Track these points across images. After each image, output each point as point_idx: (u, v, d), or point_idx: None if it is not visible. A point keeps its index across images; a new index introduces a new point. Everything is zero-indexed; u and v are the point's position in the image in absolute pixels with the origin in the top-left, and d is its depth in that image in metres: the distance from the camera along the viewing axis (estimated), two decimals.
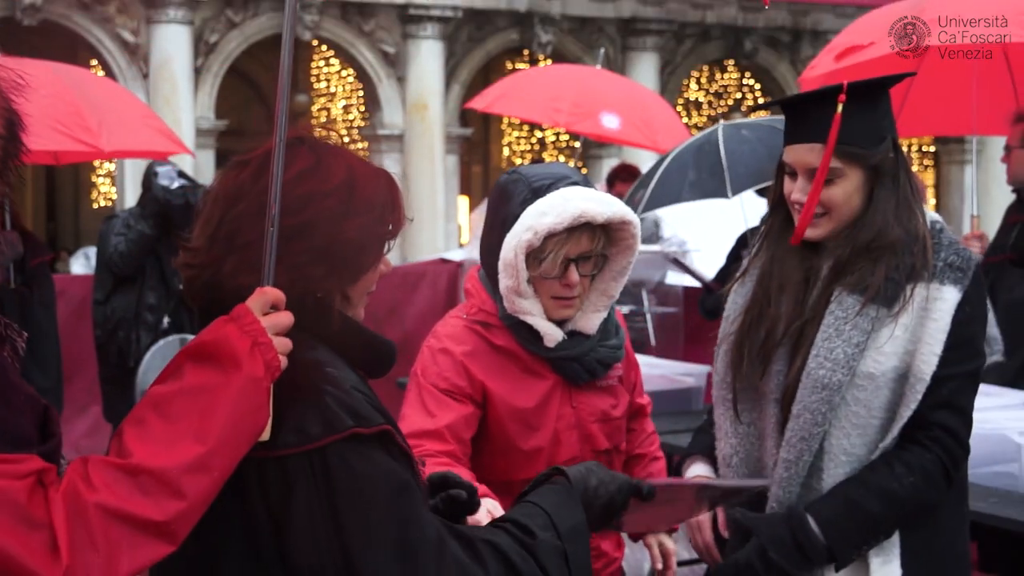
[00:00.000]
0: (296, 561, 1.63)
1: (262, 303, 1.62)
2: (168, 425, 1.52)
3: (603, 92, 7.66)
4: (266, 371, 1.58)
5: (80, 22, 18.05)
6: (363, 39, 19.60)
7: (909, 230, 2.37)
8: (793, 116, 2.43)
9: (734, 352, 2.46)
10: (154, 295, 6.37)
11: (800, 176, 2.39)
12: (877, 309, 2.32)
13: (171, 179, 6.29)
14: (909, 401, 2.30)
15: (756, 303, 2.45)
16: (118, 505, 1.46)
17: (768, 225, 2.53)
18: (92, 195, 22.99)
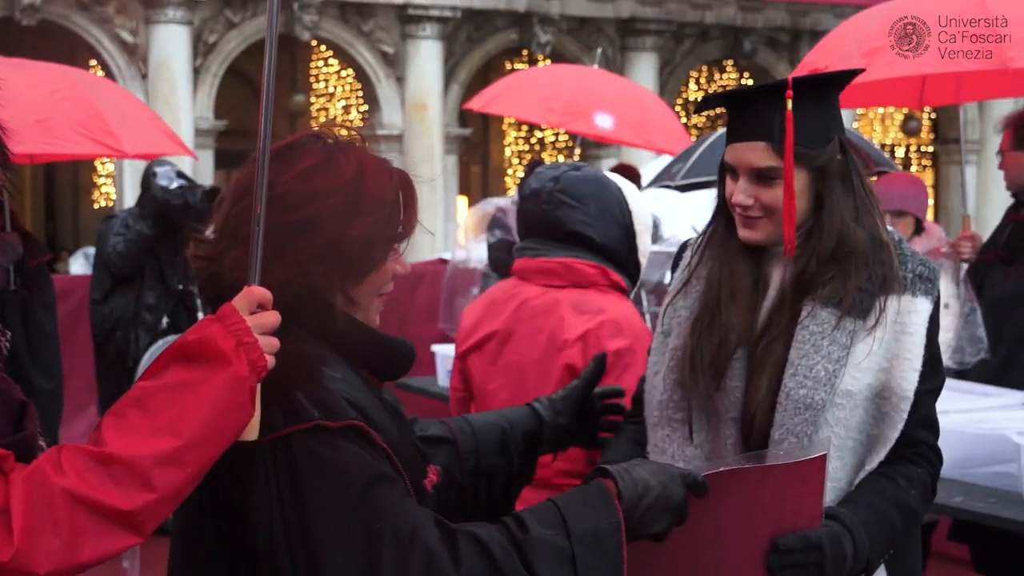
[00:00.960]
0: (255, 546, 1.65)
1: (248, 302, 1.62)
2: (146, 418, 1.52)
3: (599, 92, 7.66)
4: (251, 371, 1.57)
5: (79, 22, 18.05)
6: (362, 39, 19.59)
7: (873, 236, 2.24)
8: (736, 113, 2.29)
9: (685, 366, 2.25)
10: (153, 295, 6.37)
11: (742, 177, 2.24)
12: (853, 322, 2.18)
13: (170, 179, 6.29)
14: (895, 421, 2.18)
15: (706, 312, 2.26)
16: (86, 492, 1.46)
17: (711, 230, 2.37)
18: (92, 195, 22.99)
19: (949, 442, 3.91)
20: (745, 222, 2.26)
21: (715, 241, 2.34)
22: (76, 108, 5.45)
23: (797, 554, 1.95)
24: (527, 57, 21.63)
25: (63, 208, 23.56)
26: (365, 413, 1.70)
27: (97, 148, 5.51)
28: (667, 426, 2.27)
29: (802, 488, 1.93)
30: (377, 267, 1.80)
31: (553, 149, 23.14)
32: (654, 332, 2.40)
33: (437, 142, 19.72)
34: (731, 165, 2.27)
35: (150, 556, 6.22)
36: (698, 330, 2.26)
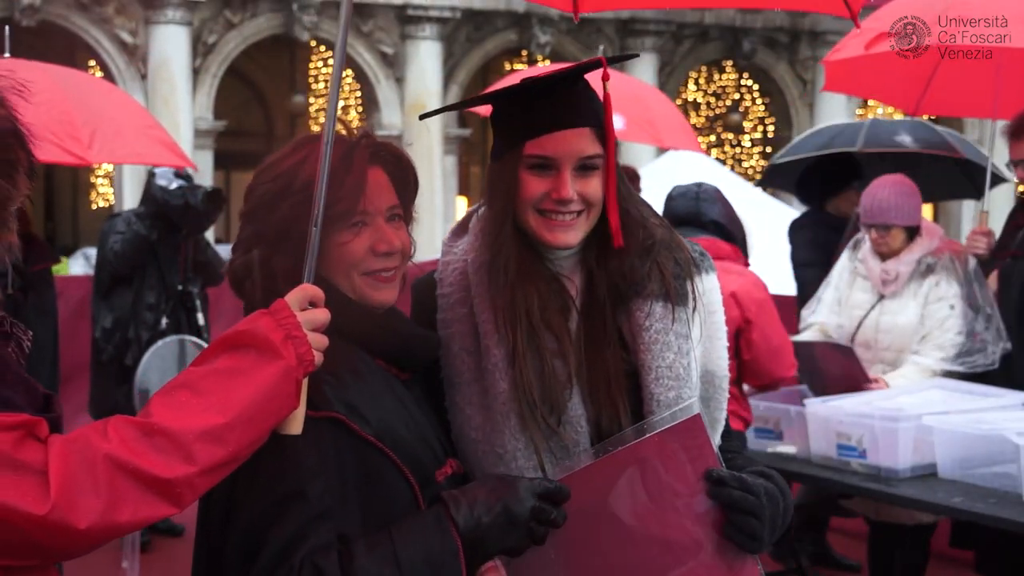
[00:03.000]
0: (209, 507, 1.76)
1: (300, 299, 1.68)
2: (194, 397, 1.58)
3: None
4: (298, 363, 1.63)
5: (78, 23, 18.05)
6: (361, 40, 19.59)
7: (662, 222, 2.11)
8: (557, 99, 2.00)
9: (524, 413, 1.97)
10: (153, 295, 6.36)
11: (566, 168, 1.97)
12: (683, 311, 2.05)
13: (169, 180, 6.29)
14: (720, 402, 2.12)
15: (525, 343, 1.99)
16: (129, 458, 1.52)
17: (500, 248, 2.02)
18: (91, 196, 22.99)
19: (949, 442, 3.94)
20: (560, 223, 2.00)
21: (501, 265, 2.01)
22: (47, 113, 5.35)
23: (734, 492, 1.89)
24: (526, 57, 21.64)
25: (62, 208, 23.57)
26: (351, 405, 1.74)
27: (60, 154, 5.41)
28: None
29: (689, 453, 1.89)
30: (322, 247, 1.78)
31: None
32: None
33: (436, 142, 19.72)
34: (547, 158, 1.98)
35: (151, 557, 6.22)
36: (519, 365, 1.98)
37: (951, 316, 4.58)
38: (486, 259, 2.03)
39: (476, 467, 2.00)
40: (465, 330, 2.04)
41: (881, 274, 4.74)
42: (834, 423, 4.13)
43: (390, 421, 1.78)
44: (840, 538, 6.06)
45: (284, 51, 20.64)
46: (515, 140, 2.01)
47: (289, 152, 1.86)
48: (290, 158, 1.84)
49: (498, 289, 2.01)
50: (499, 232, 2.02)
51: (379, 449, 1.74)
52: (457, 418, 2.03)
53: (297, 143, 1.88)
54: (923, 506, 3.90)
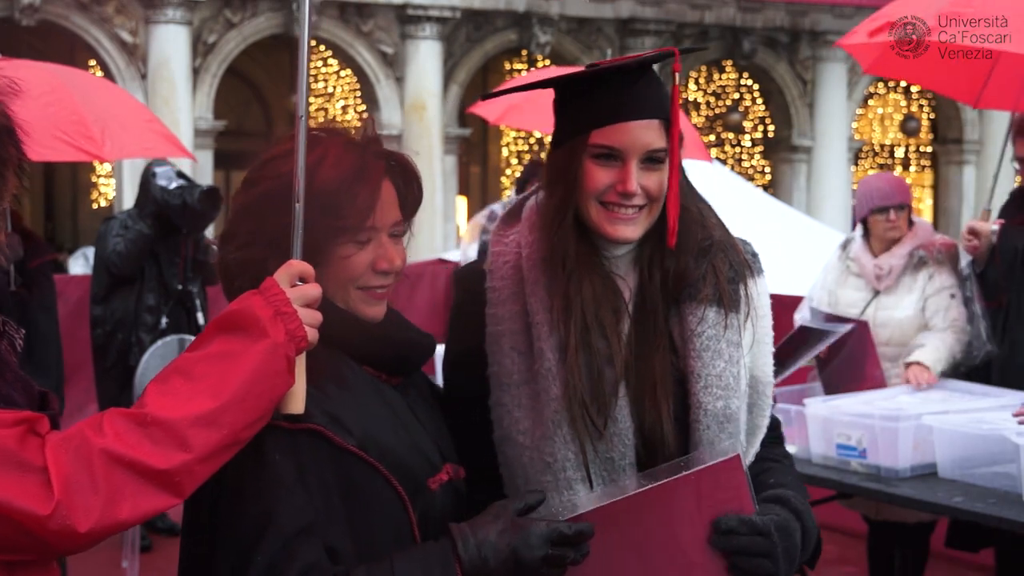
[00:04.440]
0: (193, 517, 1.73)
1: (288, 274, 1.67)
2: (187, 383, 1.58)
3: None
4: (288, 339, 1.61)
5: (78, 22, 18.04)
6: (361, 39, 19.59)
7: (720, 222, 2.06)
8: (625, 88, 1.97)
9: (574, 415, 1.91)
10: (153, 296, 6.36)
11: (632, 160, 1.91)
12: (735, 317, 2.00)
13: (169, 179, 6.29)
14: (764, 408, 2.06)
15: (578, 343, 1.93)
16: (123, 451, 1.51)
17: (559, 243, 1.96)
18: (91, 195, 22.98)
19: (949, 442, 3.93)
20: (622, 217, 1.94)
21: (558, 260, 1.96)
22: (57, 113, 5.38)
23: (743, 537, 1.82)
24: (526, 57, 21.63)
25: (62, 208, 23.56)
26: (333, 416, 1.71)
27: (74, 153, 5.44)
28: (566, 489, 1.93)
29: (724, 494, 1.83)
30: (320, 255, 1.77)
31: None
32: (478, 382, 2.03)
33: (436, 142, 19.71)
34: (613, 149, 1.92)
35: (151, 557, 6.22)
36: (571, 365, 1.92)
37: (953, 304, 4.65)
38: (544, 253, 1.97)
39: (519, 472, 1.95)
40: (517, 328, 1.98)
41: (875, 269, 4.81)
42: (834, 423, 4.14)
43: (376, 430, 1.75)
44: (840, 537, 6.07)
45: (284, 51, 20.63)
46: (580, 128, 1.95)
47: (290, 148, 1.79)
48: (310, 155, 1.79)
49: (554, 284, 1.95)
50: (560, 222, 1.96)
51: (363, 459, 1.71)
52: (504, 420, 1.97)
53: (317, 137, 1.84)
54: (923, 506, 3.90)
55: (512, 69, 21.99)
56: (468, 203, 23.29)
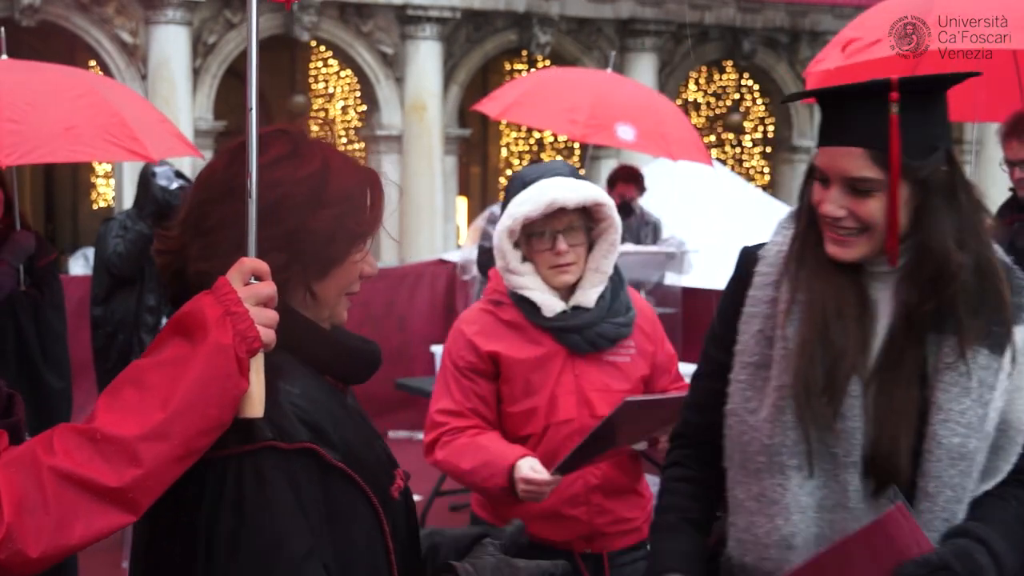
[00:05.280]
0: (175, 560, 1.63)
1: (240, 272, 1.61)
2: (139, 394, 1.52)
3: (618, 102, 7.54)
4: (238, 340, 1.55)
5: (78, 23, 18.04)
6: (361, 40, 19.59)
7: (979, 261, 2.00)
8: (831, 113, 2.02)
9: (801, 401, 1.96)
10: (153, 297, 6.36)
11: (834, 185, 1.98)
12: (996, 360, 1.98)
13: (169, 179, 6.29)
14: (1010, 454, 2.04)
15: (814, 334, 1.98)
16: (73, 469, 1.45)
17: (796, 242, 2.07)
18: (91, 196, 22.99)
19: None
20: (835, 237, 2.01)
21: (806, 253, 2.05)
22: (99, 114, 5.43)
23: None
24: (526, 58, 21.63)
25: (62, 208, 23.57)
26: (320, 431, 1.67)
27: (126, 154, 5.47)
28: (778, 473, 2.00)
29: (900, 543, 1.86)
30: (340, 262, 1.76)
31: (552, 149, 23.15)
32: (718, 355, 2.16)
33: (436, 143, 19.71)
34: (822, 170, 2.01)
35: None
36: (807, 354, 1.97)
37: None
38: (795, 249, 2.07)
39: (737, 447, 2.06)
40: (768, 313, 2.06)
41: None
42: None
43: (352, 442, 1.73)
44: None
45: (284, 51, 20.64)
46: (817, 142, 2.06)
47: (289, 152, 1.77)
48: (310, 159, 1.77)
49: (800, 278, 2.03)
50: (804, 228, 2.06)
51: (346, 474, 1.69)
52: (736, 395, 2.08)
53: (295, 141, 1.80)
54: None
55: (512, 69, 22.00)
56: (468, 203, 23.31)
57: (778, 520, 2.02)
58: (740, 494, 2.08)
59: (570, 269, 3.04)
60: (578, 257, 3.04)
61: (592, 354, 3.07)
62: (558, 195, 2.95)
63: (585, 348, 3.06)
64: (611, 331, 3.08)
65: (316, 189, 1.73)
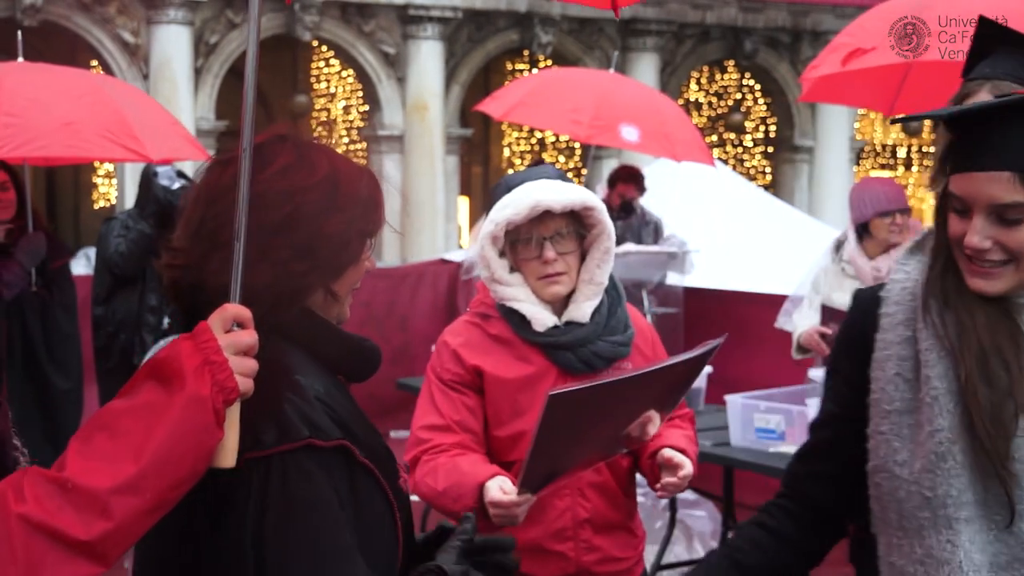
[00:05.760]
0: (222, 561, 1.63)
1: (222, 319, 1.58)
2: (111, 442, 1.48)
3: (622, 102, 7.54)
4: (216, 391, 1.51)
5: (80, 23, 18.06)
6: (363, 40, 19.60)
7: None
8: (971, 135, 1.82)
9: (966, 445, 1.80)
10: (156, 297, 6.36)
11: (978, 214, 1.81)
12: None
13: (171, 179, 6.29)
14: None
15: (975, 370, 1.81)
16: (43, 519, 1.42)
17: (938, 276, 1.89)
18: (92, 196, 23.01)
19: None
20: (978, 270, 1.84)
21: (947, 288, 1.88)
22: (101, 112, 5.45)
23: None
24: (528, 58, 21.64)
25: (64, 208, 23.58)
26: (348, 429, 1.70)
27: (123, 153, 5.49)
28: (945, 528, 1.80)
29: None
30: (355, 262, 1.80)
31: (554, 149, 23.15)
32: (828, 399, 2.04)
33: (438, 142, 19.72)
34: (962, 199, 1.83)
35: None
36: (970, 392, 1.80)
37: None
38: (934, 285, 1.89)
39: (892, 505, 1.87)
40: (904, 355, 1.88)
41: (872, 272, 4.80)
42: None
43: (369, 438, 1.75)
44: None
45: (286, 51, 20.65)
46: (946, 170, 1.87)
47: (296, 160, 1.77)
48: (319, 164, 1.77)
49: (945, 312, 1.86)
50: (942, 262, 1.90)
51: (370, 471, 1.71)
52: (880, 449, 1.89)
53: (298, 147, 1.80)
54: None
55: (514, 69, 22.01)
56: (470, 203, 23.31)
57: None
58: (899, 560, 1.88)
59: (560, 279, 2.79)
60: (569, 267, 2.79)
61: (586, 374, 2.76)
62: (542, 197, 2.73)
63: (578, 368, 2.79)
64: (607, 350, 2.82)
65: (329, 194, 1.75)
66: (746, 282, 8.46)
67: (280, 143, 1.79)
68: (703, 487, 5.62)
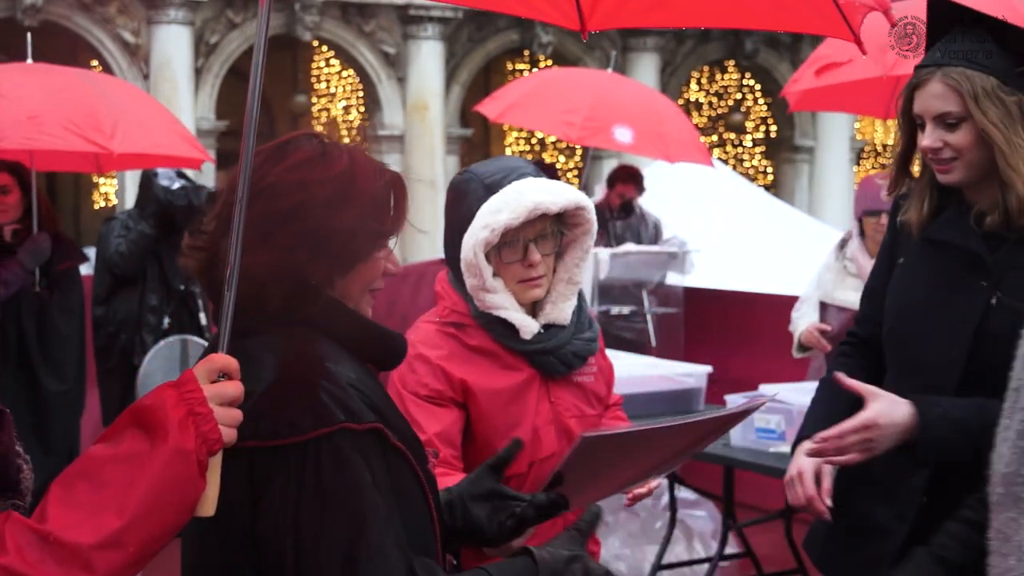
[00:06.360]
0: (261, 548, 1.66)
1: (208, 370, 1.57)
2: (92, 492, 1.47)
3: (617, 103, 7.50)
4: (200, 443, 1.51)
5: (80, 23, 18.06)
6: (363, 40, 19.60)
7: None
8: None
9: None
10: (156, 297, 6.36)
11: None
12: None
13: (171, 179, 6.29)
14: None
15: None
16: (25, 571, 1.42)
17: None
18: (93, 196, 23.01)
19: None
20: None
21: None
22: (71, 106, 5.44)
23: None
24: (528, 58, 21.64)
25: (64, 208, 23.55)
26: (381, 413, 1.72)
27: (83, 144, 5.48)
28: (1013, 508, 1.80)
29: None
30: (364, 259, 1.81)
31: (554, 149, 23.15)
32: None
33: (438, 142, 19.73)
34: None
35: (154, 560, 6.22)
36: None
37: None
38: None
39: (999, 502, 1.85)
40: None
41: None
42: None
43: (400, 423, 1.79)
44: None
45: (286, 51, 20.65)
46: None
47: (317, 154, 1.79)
48: (337, 161, 1.79)
49: None
50: None
51: (402, 454, 1.74)
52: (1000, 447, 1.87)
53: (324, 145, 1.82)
54: None
55: (514, 69, 22.01)
56: None
57: (1011, 560, 1.80)
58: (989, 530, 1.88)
59: (541, 283, 2.67)
60: (548, 268, 2.68)
61: (563, 376, 2.73)
62: (541, 199, 2.59)
63: (561, 370, 2.72)
64: (582, 348, 2.75)
65: (341, 189, 1.77)
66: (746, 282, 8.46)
67: (306, 140, 1.83)
68: (703, 487, 5.61)
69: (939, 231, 2.42)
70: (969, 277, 2.34)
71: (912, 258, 2.48)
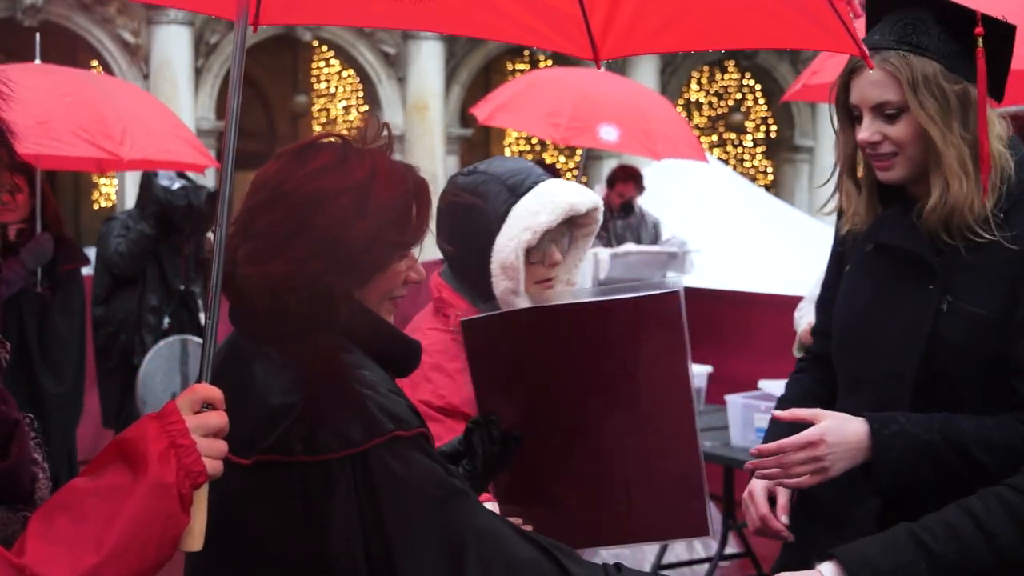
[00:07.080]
0: (331, 563, 1.64)
1: (191, 401, 1.53)
2: (73, 526, 1.43)
3: (603, 102, 7.45)
4: (182, 476, 1.47)
5: (80, 23, 18.06)
6: (363, 40, 19.60)
7: None
8: None
9: None
10: (156, 297, 6.36)
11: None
12: None
13: (171, 180, 6.29)
14: None
15: None
16: None
17: None
18: (93, 196, 23.01)
19: None
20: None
21: None
22: (80, 111, 5.44)
23: None
24: (528, 58, 21.64)
25: (64, 208, 23.50)
26: (421, 418, 1.73)
27: (95, 152, 5.48)
28: None
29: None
30: (380, 270, 1.79)
31: (554, 149, 23.15)
32: None
33: (438, 142, 19.73)
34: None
35: None
36: None
37: None
38: None
39: None
40: None
41: None
42: None
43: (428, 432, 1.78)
44: None
45: (286, 51, 20.65)
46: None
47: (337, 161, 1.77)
48: (357, 168, 1.77)
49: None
50: None
51: (444, 464, 1.74)
52: None
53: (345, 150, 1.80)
54: None
55: (514, 69, 22.00)
56: None
57: None
58: None
59: (554, 284, 2.63)
60: None
61: None
62: (574, 199, 2.55)
63: None
64: None
65: (358, 199, 1.75)
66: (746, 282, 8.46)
67: (328, 144, 1.81)
68: None
69: (882, 233, 2.21)
70: (917, 282, 2.14)
71: (856, 264, 2.29)
